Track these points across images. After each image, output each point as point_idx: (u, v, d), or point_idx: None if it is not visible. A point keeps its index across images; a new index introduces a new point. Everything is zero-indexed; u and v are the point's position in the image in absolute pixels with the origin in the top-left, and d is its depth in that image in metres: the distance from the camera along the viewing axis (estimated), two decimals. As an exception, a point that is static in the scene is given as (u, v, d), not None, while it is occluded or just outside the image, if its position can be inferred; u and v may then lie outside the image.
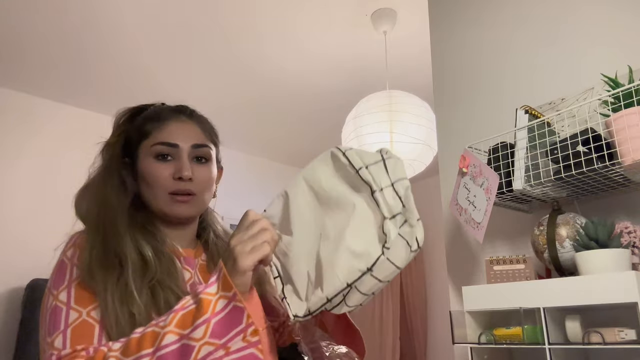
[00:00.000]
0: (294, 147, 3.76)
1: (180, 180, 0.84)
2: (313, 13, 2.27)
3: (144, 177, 0.86)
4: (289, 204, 0.74)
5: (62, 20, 2.25)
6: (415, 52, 2.56)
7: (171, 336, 0.64)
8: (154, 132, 0.87)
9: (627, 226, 1.10)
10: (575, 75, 1.35)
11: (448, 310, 1.33)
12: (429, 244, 4.29)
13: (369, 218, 0.69)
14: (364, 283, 0.67)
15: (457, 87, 1.69)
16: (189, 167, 0.85)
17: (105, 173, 0.87)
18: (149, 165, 0.85)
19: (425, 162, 2.32)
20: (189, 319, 0.65)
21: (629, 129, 1.01)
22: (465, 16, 1.72)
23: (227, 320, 0.65)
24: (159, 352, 0.63)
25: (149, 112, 0.92)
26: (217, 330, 0.64)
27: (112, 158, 0.88)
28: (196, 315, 0.65)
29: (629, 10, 1.28)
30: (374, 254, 0.66)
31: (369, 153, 0.72)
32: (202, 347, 0.63)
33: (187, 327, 0.64)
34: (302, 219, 0.73)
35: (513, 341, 1.12)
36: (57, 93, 2.90)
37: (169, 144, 0.86)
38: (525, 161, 1.19)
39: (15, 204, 2.72)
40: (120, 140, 0.90)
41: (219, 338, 0.64)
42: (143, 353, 0.64)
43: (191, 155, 0.87)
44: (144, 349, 0.64)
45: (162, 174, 0.84)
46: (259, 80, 2.82)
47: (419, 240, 0.68)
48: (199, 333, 0.63)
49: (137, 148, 0.88)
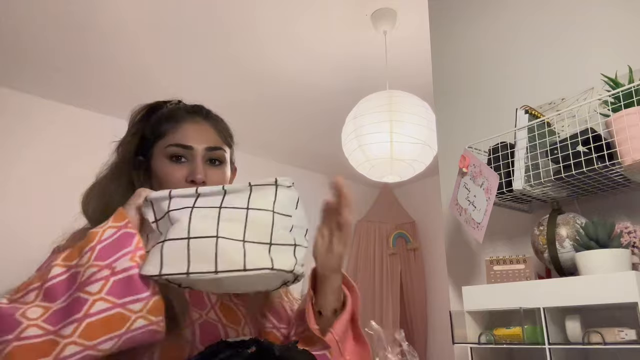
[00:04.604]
0: (293, 146, 3.76)
1: (193, 182, 0.84)
2: (313, 13, 2.27)
3: (157, 177, 0.86)
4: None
5: (63, 21, 2.25)
6: (415, 52, 2.56)
7: (57, 269, 0.65)
8: (169, 132, 0.87)
9: (627, 226, 1.10)
10: (575, 75, 1.35)
11: (448, 310, 1.33)
12: (429, 244, 4.29)
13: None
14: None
15: (457, 87, 1.69)
16: (202, 170, 0.85)
17: (115, 172, 0.87)
18: (162, 166, 0.85)
19: (425, 162, 2.32)
20: (75, 251, 0.66)
21: (629, 129, 1.01)
22: (465, 16, 1.72)
23: (114, 244, 0.65)
24: (46, 284, 0.64)
25: (165, 112, 0.92)
26: (103, 253, 0.64)
27: (125, 157, 0.88)
28: (83, 246, 0.66)
29: (629, 10, 1.28)
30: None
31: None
32: (86, 270, 0.63)
33: (73, 259, 0.65)
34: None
35: (513, 341, 1.12)
36: (59, 93, 2.90)
37: (183, 146, 0.86)
38: (525, 161, 1.19)
39: (15, 204, 2.72)
40: (135, 139, 0.90)
41: (104, 260, 0.64)
42: (30, 288, 0.64)
43: (205, 157, 0.87)
44: (33, 284, 0.65)
45: (175, 176, 0.84)
46: (258, 79, 2.82)
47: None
48: (84, 259, 0.64)
49: (152, 147, 0.88)
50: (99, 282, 0.62)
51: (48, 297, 0.63)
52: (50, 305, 0.62)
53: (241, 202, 0.68)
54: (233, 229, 0.65)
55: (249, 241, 0.65)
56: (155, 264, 0.63)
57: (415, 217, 4.39)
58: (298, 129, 3.47)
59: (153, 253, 0.65)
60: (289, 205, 0.70)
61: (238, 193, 0.69)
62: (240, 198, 0.68)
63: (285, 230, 0.68)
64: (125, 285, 0.62)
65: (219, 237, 0.64)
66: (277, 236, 0.66)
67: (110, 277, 0.62)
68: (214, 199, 0.68)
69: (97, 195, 0.85)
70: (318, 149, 3.77)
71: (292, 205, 0.70)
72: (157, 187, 0.86)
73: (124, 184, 0.85)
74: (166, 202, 0.68)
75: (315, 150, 3.82)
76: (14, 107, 2.82)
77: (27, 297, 0.64)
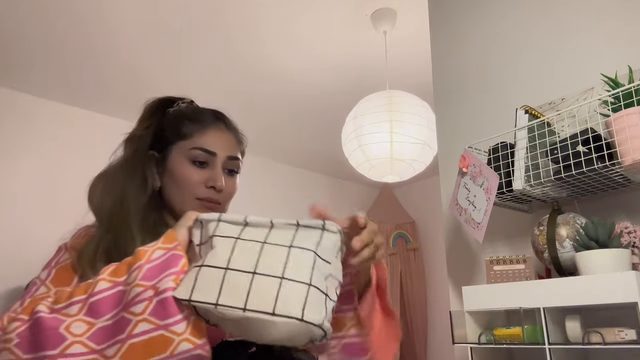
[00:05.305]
0: (292, 146, 3.76)
1: (212, 189, 0.85)
2: (313, 13, 2.27)
3: (174, 177, 0.86)
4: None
5: (64, 21, 2.25)
6: (415, 52, 2.56)
7: (104, 283, 0.62)
8: (195, 135, 0.87)
9: (627, 226, 1.10)
10: (575, 75, 1.35)
11: (448, 310, 1.33)
12: (429, 244, 4.29)
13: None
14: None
15: (457, 87, 1.69)
16: (222, 178, 0.86)
17: (128, 167, 0.86)
18: (183, 167, 0.86)
19: (425, 162, 2.32)
20: (122, 268, 0.64)
21: (629, 129, 1.01)
22: (465, 16, 1.72)
23: (162, 265, 0.63)
24: (91, 299, 0.61)
25: (188, 112, 0.91)
26: (149, 274, 0.62)
27: (138, 152, 0.87)
28: (131, 262, 0.64)
29: (629, 10, 1.28)
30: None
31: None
32: (132, 289, 0.61)
33: (121, 276, 0.63)
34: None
35: (513, 341, 1.12)
36: (60, 94, 2.90)
37: (208, 152, 0.86)
38: (525, 161, 1.19)
39: (16, 204, 2.72)
40: (149, 133, 0.89)
41: (150, 280, 0.61)
42: (74, 300, 0.62)
43: (224, 166, 0.88)
44: (76, 295, 0.62)
45: (195, 180, 0.85)
46: (258, 79, 2.82)
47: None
48: (131, 278, 0.62)
49: (172, 146, 0.88)
50: (143, 302, 0.60)
51: (93, 313, 0.61)
52: (95, 322, 0.60)
53: (285, 240, 0.66)
54: (273, 265, 0.63)
55: (288, 278, 0.62)
56: (187, 288, 0.61)
57: (415, 217, 4.39)
58: (298, 129, 3.47)
59: (188, 276, 0.63)
60: (330, 252, 0.68)
61: (284, 229, 0.68)
62: (285, 235, 0.67)
63: (322, 277, 0.65)
64: (166, 307, 0.60)
65: (256, 273, 0.62)
66: (315, 279, 0.64)
67: (154, 298, 0.60)
68: (259, 231, 0.67)
69: (106, 186, 0.84)
70: (318, 148, 3.77)
71: (334, 252, 0.68)
72: (172, 187, 0.86)
73: (138, 178, 0.85)
74: (214, 225, 0.67)
75: (315, 150, 3.82)
76: (15, 107, 2.82)
77: (71, 309, 0.61)
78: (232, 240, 0.65)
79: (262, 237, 0.66)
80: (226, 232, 0.66)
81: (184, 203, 0.85)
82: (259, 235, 0.66)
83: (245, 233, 0.66)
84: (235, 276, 0.61)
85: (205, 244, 0.67)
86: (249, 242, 0.65)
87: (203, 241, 0.68)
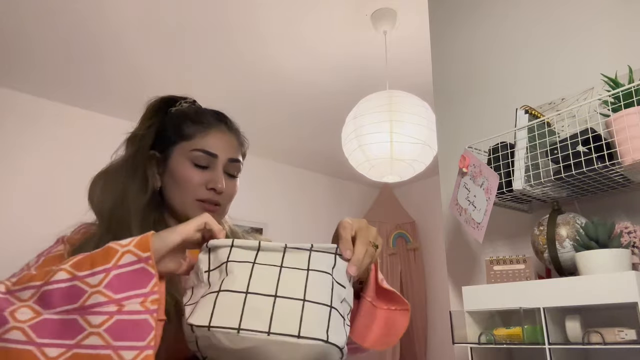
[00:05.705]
0: (292, 146, 3.76)
1: (213, 191, 0.85)
2: (314, 13, 2.27)
3: (174, 178, 0.86)
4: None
5: (64, 21, 2.25)
6: (415, 52, 2.56)
7: (63, 274, 0.60)
8: (197, 137, 0.87)
9: (627, 226, 1.10)
10: (575, 75, 1.35)
11: (448, 310, 1.33)
12: (429, 244, 4.29)
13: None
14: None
15: (457, 87, 1.69)
16: (223, 180, 0.86)
17: (129, 166, 0.86)
18: (184, 168, 0.86)
19: (425, 162, 2.32)
20: (87, 262, 0.61)
21: (629, 129, 1.01)
22: (465, 16, 1.72)
23: (130, 277, 0.60)
24: (46, 287, 0.59)
25: (190, 113, 0.91)
26: (116, 284, 0.59)
27: (139, 151, 0.87)
28: (97, 261, 0.61)
29: (629, 10, 1.28)
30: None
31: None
32: (93, 294, 0.58)
33: (82, 270, 0.60)
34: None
35: (513, 341, 1.12)
36: (60, 94, 2.90)
37: (210, 154, 0.86)
38: (525, 161, 1.19)
39: (17, 204, 2.72)
40: (150, 133, 0.89)
41: (115, 292, 0.59)
42: (31, 284, 0.60)
43: (225, 168, 0.89)
44: (34, 280, 0.60)
45: (196, 181, 0.85)
46: (259, 79, 2.82)
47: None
48: (94, 280, 0.59)
49: (173, 146, 0.87)
50: (102, 315, 0.57)
51: (43, 302, 0.58)
52: (42, 312, 0.58)
53: (302, 263, 0.66)
54: (293, 288, 0.62)
55: (310, 300, 0.61)
56: (206, 314, 0.59)
57: (415, 217, 4.39)
58: (297, 129, 3.48)
59: (204, 303, 0.61)
60: (344, 276, 0.67)
61: (298, 253, 0.67)
62: (299, 259, 0.66)
63: (339, 300, 0.64)
64: (125, 329, 0.57)
65: (278, 296, 0.61)
66: (334, 302, 0.63)
67: (115, 315, 0.58)
68: (274, 255, 0.66)
69: (107, 184, 0.84)
70: (318, 148, 3.77)
71: (348, 277, 0.68)
72: (173, 187, 0.86)
73: (138, 179, 0.85)
74: (226, 250, 0.66)
75: (315, 150, 3.82)
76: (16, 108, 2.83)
77: (24, 292, 0.59)
78: (249, 265, 0.64)
79: (278, 261, 0.66)
80: (241, 257, 0.65)
81: (184, 204, 0.85)
82: (275, 260, 0.66)
83: (260, 257, 0.66)
84: (257, 300, 0.60)
85: (215, 270, 0.66)
86: (266, 266, 0.65)
87: (212, 267, 0.66)
